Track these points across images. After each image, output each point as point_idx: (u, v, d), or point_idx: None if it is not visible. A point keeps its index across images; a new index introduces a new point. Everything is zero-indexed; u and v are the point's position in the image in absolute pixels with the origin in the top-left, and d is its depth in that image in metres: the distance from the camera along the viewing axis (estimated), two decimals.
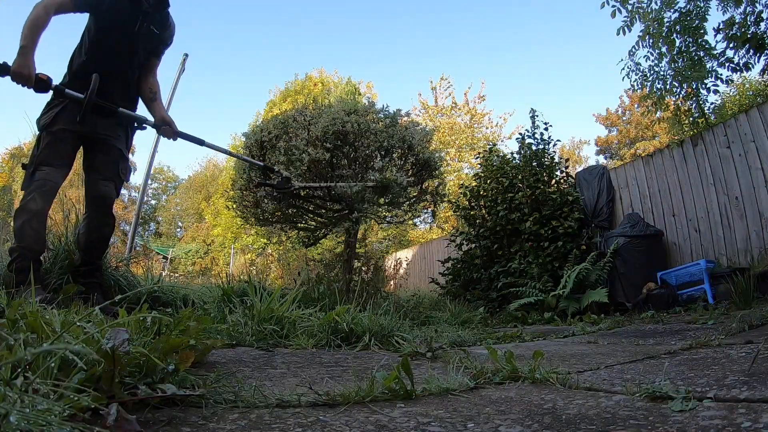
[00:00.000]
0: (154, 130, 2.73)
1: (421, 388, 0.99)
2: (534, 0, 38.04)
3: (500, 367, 1.16)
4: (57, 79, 2.37)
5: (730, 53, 4.35)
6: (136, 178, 31.98)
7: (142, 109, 2.73)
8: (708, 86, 4.49)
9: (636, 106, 20.72)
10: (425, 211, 4.33)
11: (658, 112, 4.94)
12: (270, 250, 12.93)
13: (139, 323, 1.19)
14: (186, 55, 7.22)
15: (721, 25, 4.35)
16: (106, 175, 2.51)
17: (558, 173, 5.14)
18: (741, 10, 4.26)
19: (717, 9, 4.40)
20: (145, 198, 25.76)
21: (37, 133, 2.42)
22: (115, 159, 2.54)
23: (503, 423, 0.77)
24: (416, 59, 41.94)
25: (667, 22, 4.51)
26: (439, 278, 5.67)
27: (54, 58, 2.69)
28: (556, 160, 5.18)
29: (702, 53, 4.46)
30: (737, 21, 4.24)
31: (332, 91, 17.51)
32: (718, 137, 4.07)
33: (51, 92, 2.30)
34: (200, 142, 2.83)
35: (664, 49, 4.60)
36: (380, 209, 4.58)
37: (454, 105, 16.89)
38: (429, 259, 9.05)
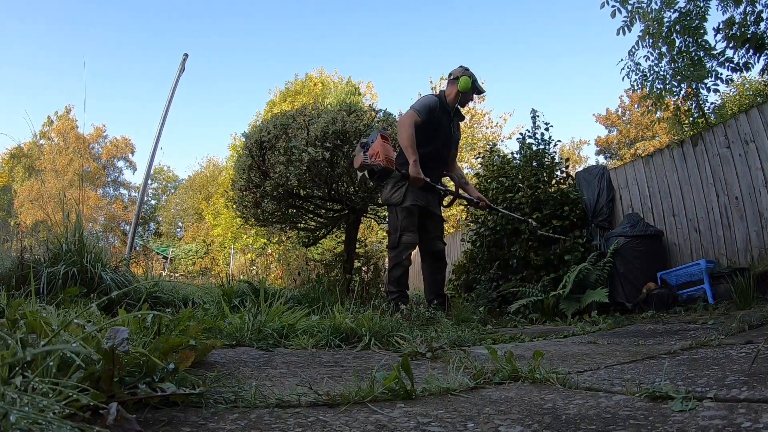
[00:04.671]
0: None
1: (421, 388, 0.99)
2: (534, 0, 38.05)
3: (500, 367, 1.15)
4: None
5: (730, 53, 4.35)
6: (136, 178, 32.07)
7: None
8: (708, 86, 4.48)
9: (636, 106, 20.72)
10: None
11: (658, 112, 4.93)
12: (270, 250, 12.92)
13: (139, 323, 1.19)
14: (186, 55, 7.22)
15: (721, 25, 4.34)
16: (437, 234, 3.48)
17: (558, 173, 5.14)
18: (741, 10, 4.25)
19: (717, 9, 4.39)
20: (145, 198, 25.78)
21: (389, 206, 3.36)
22: (441, 223, 3.55)
23: (503, 423, 0.76)
24: (416, 59, 41.96)
25: (667, 22, 4.50)
26: None
27: None
28: (557, 160, 5.18)
29: (702, 53, 4.45)
30: (737, 21, 4.24)
31: (332, 91, 17.50)
32: (718, 137, 4.07)
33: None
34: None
35: (664, 49, 4.60)
36: (380, 209, 4.58)
37: None
38: None
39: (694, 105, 4.68)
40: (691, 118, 4.68)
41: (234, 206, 4.42)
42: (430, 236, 3.46)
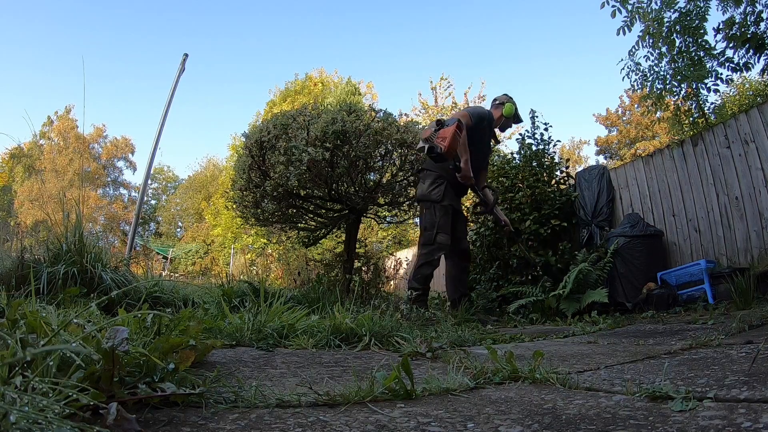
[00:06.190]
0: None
1: (421, 388, 0.99)
2: (534, 0, 38.07)
3: (500, 367, 1.15)
4: None
5: (730, 53, 4.34)
6: (137, 178, 32.09)
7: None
8: (708, 86, 4.48)
9: (636, 106, 20.71)
10: None
11: (658, 112, 4.93)
12: (270, 250, 12.91)
13: (139, 323, 1.18)
14: (186, 55, 7.21)
15: (721, 25, 4.34)
16: (463, 234, 3.68)
17: (558, 173, 5.14)
18: (741, 10, 4.25)
19: (717, 9, 4.39)
20: (145, 198, 25.77)
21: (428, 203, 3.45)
22: (466, 223, 3.81)
23: (503, 423, 0.76)
24: (416, 59, 41.97)
25: (667, 22, 4.50)
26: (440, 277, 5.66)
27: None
28: (556, 160, 5.19)
29: (702, 53, 4.45)
30: (737, 21, 4.23)
31: (332, 91, 17.49)
32: (718, 137, 4.06)
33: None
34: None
35: (664, 49, 4.59)
36: (380, 209, 4.58)
37: (454, 105, 16.86)
38: None
39: (694, 105, 4.68)
40: (691, 118, 4.67)
41: (234, 206, 4.42)
42: (458, 235, 3.59)
